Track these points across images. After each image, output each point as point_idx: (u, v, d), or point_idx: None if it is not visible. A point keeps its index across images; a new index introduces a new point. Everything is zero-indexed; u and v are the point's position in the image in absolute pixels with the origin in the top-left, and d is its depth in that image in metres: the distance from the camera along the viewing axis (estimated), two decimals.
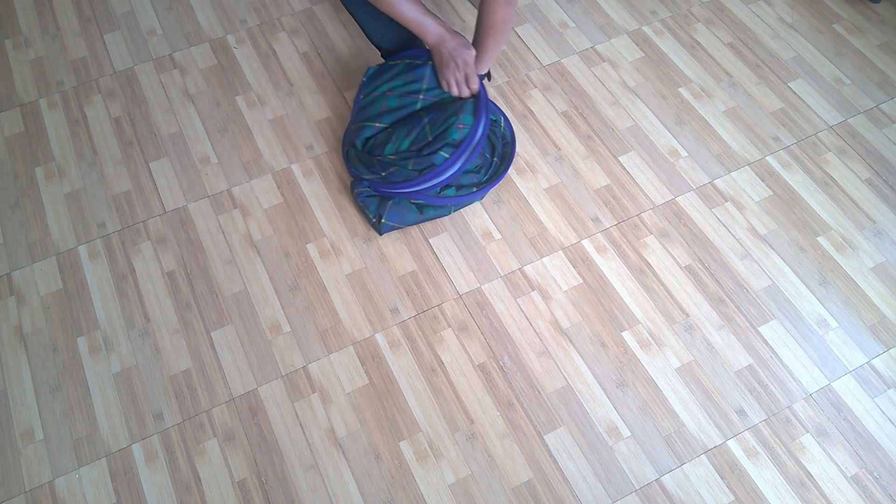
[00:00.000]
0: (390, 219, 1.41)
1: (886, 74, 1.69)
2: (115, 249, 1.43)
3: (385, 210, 1.41)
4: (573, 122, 1.61)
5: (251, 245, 1.44)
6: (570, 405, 1.27)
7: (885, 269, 1.42)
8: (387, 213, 1.41)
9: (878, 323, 1.36)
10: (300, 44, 1.74)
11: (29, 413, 1.26)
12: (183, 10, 1.80)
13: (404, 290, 1.39)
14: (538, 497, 1.19)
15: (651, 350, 1.33)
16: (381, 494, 1.19)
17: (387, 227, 1.41)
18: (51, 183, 1.52)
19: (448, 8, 1.81)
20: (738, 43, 1.75)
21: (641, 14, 1.80)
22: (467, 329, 1.35)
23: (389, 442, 1.24)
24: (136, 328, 1.34)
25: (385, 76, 1.48)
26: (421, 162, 1.37)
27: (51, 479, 1.20)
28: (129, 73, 1.69)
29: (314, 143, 1.58)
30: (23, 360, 1.31)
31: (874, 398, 1.28)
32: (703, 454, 1.23)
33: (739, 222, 1.47)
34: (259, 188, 1.51)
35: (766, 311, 1.37)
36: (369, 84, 1.50)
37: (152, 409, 1.26)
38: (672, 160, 1.56)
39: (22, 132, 1.59)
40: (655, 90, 1.66)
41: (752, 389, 1.29)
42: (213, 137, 1.59)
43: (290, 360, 1.31)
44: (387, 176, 1.39)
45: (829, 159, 1.56)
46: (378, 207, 1.42)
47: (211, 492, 1.19)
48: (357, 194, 1.45)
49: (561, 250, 1.44)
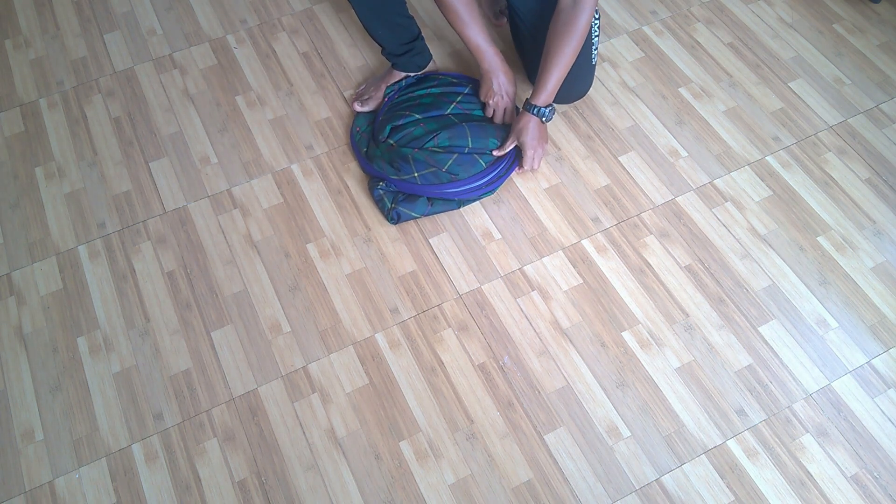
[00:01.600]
0: (404, 207, 1.44)
1: (886, 74, 1.69)
2: (115, 249, 1.43)
3: (399, 201, 1.45)
4: (573, 121, 1.61)
5: (251, 245, 1.44)
6: (570, 405, 1.27)
7: (885, 269, 1.42)
8: (400, 203, 1.44)
9: (878, 323, 1.36)
10: (300, 44, 1.74)
11: (29, 413, 1.26)
12: (183, 10, 1.80)
13: (404, 290, 1.39)
14: (538, 497, 1.19)
15: (651, 350, 1.33)
16: (381, 494, 1.19)
17: (404, 214, 1.44)
18: (51, 183, 1.52)
19: None
20: (738, 43, 1.75)
21: (641, 14, 1.80)
22: (467, 329, 1.35)
23: (389, 442, 1.24)
24: (136, 328, 1.34)
25: (425, 83, 1.57)
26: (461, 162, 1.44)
27: (51, 479, 1.20)
28: (129, 73, 1.69)
29: (314, 143, 1.58)
30: (23, 360, 1.31)
31: (874, 398, 1.28)
32: (703, 454, 1.23)
33: (739, 222, 1.47)
34: (259, 188, 1.52)
35: (766, 311, 1.37)
36: (406, 89, 1.57)
37: (152, 409, 1.26)
38: (672, 160, 1.56)
39: (22, 132, 1.59)
40: (655, 90, 1.66)
41: (752, 389, 1.29)
42: (213, 137, 1.59)
43: (290, 360, 1.31)
44: (419, 177, 1.43)
45: (829, 159, 1.56)
46: (393, 201, 1.45)
47: (211, 492, 1.19)
48: (374, 190, 1.47)
49: (561, 250, 1.44)
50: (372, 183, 1.49)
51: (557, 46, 1.37)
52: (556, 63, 1.38)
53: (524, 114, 1.44)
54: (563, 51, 1.36)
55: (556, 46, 1.37)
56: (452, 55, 1.72)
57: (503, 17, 1.75)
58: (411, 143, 1.45)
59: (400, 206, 1.43)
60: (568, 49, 1.36)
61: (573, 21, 1.34)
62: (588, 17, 1.34)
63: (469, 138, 1.45)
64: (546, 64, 1.39)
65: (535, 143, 1.45)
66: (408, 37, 1.54)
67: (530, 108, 1.43)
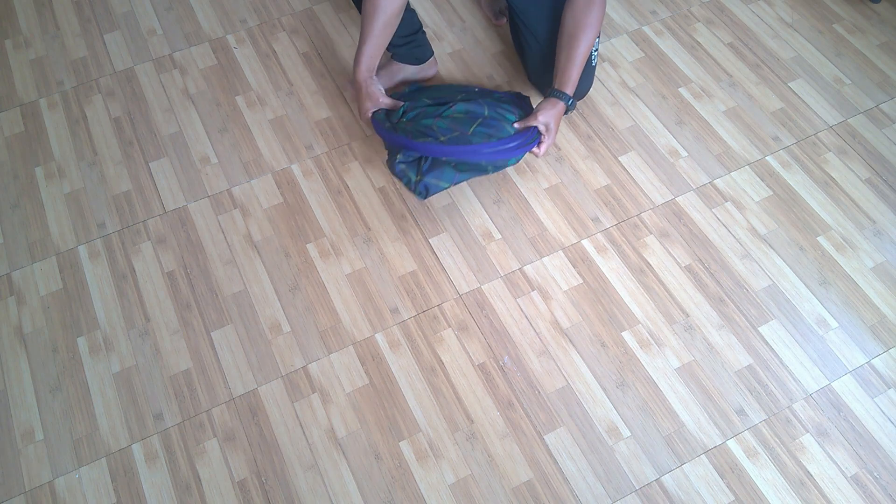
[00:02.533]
0: (431, 178, 1.36)
1: (886, 74, 1.69)
2: (115, 249, 1.43)
3: (424, 170, 1.37)
4: (573, 121, 1.61)
5: (251, 245, 1.44)
6: (570, 405, 1.27)
7: (885, 269, 1.42)
8: (426, 175, 1.36)
9: (878, 323, 1.36)
10: (300, 44, 1.74)
11: (29, 413, 1.26)
12: (183, 10, 1.80)
13: (404, 290, 1.39)
14: (538, 497, 1.19)
15: (651, 350, 1.33)
16: (381, 494, 1.19)
17: (432, 186, 1.37)
18: (51, 183, 1.52)
19: (447, 7, 1.81)
20: (738, 43, 1.75)
21: (641, 14, 1.80)
22: (467, 329, 1.35)
23: (389, 442, 1.24)
24: (136, 328, 1.34)
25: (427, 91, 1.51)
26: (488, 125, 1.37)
27: (51, 479, 1.20)
28: (129, 73, 1.69)
29: (314, 143, 1.58)
30: (23, 360, 1.31)
31: (874, 398, 1.28)
32: (703, 454, 1.23)
33: (739, 222, 1.47)
34: (259, 188, 1.51)
35: (766, 311, 1.37)
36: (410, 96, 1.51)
37: (152, 409, 1.26)
38: (672, 160, 1.56)
39: (22, 132, 1.59)
40: (655, 90, 1.66)
41: (752, 389, 1.29)
42: (213, 137, 1.59)
43: (290, 360, 1.31)
44: (447, 140, 1.35)
45: (829, 159, 1.56)
46: (417, 173, 1.37)
47: (211, 492, 1.19)
48: (394, 165, 1.38)
49: (561, 250, 1.44)
50: (391, 158, 1.40)
51: (579, 33, 1.38)
52: (578, 51, 1.39)
53: (553, 99, 1.40)
54: (585, 36, 1.38)
55: (578, 33, 1.38)
56: (453, 56, 1.72)
57: (503, 17, 1.75)
58: (429, 114, 1.40)
59: (426, 178, 1.36)
60: (590, 33, 1.38)
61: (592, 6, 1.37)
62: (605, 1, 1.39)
63: (486, 109, 1.40)
64: (570, 53, 1.39)
65: (555, 128, 1.41)
66: (408, 29, 1.54)
67: (561, 95, 1.40)
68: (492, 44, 1.75)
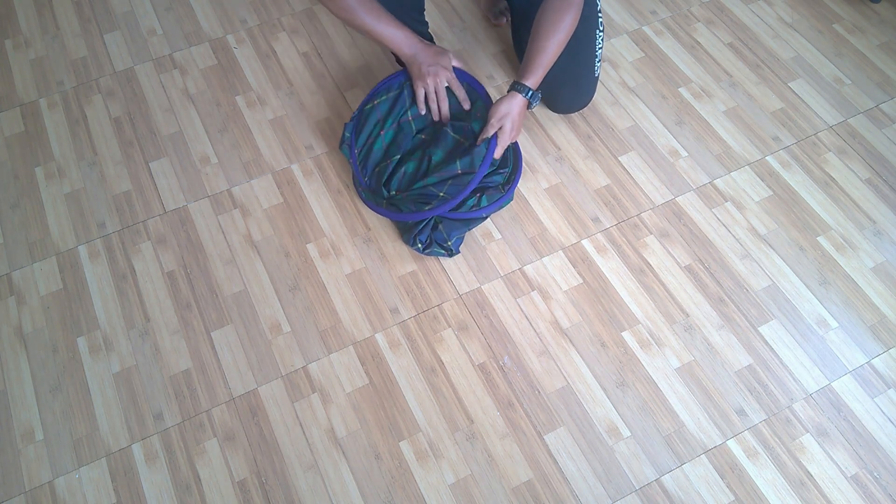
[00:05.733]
0: (454, 235, 1.37)
1: (886, 74, 1.69)
2: (115, 249, 1.43)
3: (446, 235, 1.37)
4: (573, 121, 1.61)
5: (251, 245, 1.44)
6: (570, 405, 1.27)
7: (885, 269, 1.42)
8: (450, 235, 1.36)
9: (878, 323, 1.36)
10: (300, 44, 1.74)
11: (29, 413, 1.26)
12: (183, 10, 1.80)
13: (404, 290, 1.39)
14: (538, 497, 1.19)
15: (651, 350, 1.33)
16: (381, 494, 1.19)
17: (457, 241, 1.39)
18: (51, 183, 1.52)
19: (447, 7, 1.81)
20: (738, 43, 1.75)
21: (641, 14, 1.80)
22: (467, 329, 1.35)
23: (389, 442, 1.24)
24: (136, 328, 1.34)
25: (370, 120, 1.44)
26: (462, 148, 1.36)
27: (51, 479, 1.20)
28: (129, 73, 1.69)
29: (314, 143, 1.58)
30: (23, 360, 1.31)
31: (874, 398, 1.28)
32: (703, 454, 1.23)
33: (739, 222, 1.47)
34: (259, 188, 1.51)
35: (766, 311, 1.37)
36: (357, 137, 1.45)
37: (152, 409, 1.26)
38: (672, 160, 1.56)
39: (22, 132, 1.59)
40: (655, 90, 1.66)
41: (752, 389, 1.29)
42: (213, 137, 1.59)
43: (290, 360, 1.31)
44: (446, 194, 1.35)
45: (829, 159, 1.56)
46: (444, 240, 1.37)
47: (211, 492, 1.19)
48: (421, 250, 1.38)
49: (561, 250, 1.44)
50: (407, 237, 1.39)
51: (549, 31, 1.29)
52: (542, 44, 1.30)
53: (512, 93, 1.33)
54: (554, 35, 1.29)
55: (546, 31, 1.30)
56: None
57: (503, 18, 1.75)
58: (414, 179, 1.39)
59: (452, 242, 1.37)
60: (560, 35, 1.29)
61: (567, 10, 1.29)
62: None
63: (451, 133, 1.39)
64: (536, 44, 1.30)
65: (518, 122, 1.34)
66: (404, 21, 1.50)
67: (520, 88, 1.32)
68: (492, 44, 1.75)
